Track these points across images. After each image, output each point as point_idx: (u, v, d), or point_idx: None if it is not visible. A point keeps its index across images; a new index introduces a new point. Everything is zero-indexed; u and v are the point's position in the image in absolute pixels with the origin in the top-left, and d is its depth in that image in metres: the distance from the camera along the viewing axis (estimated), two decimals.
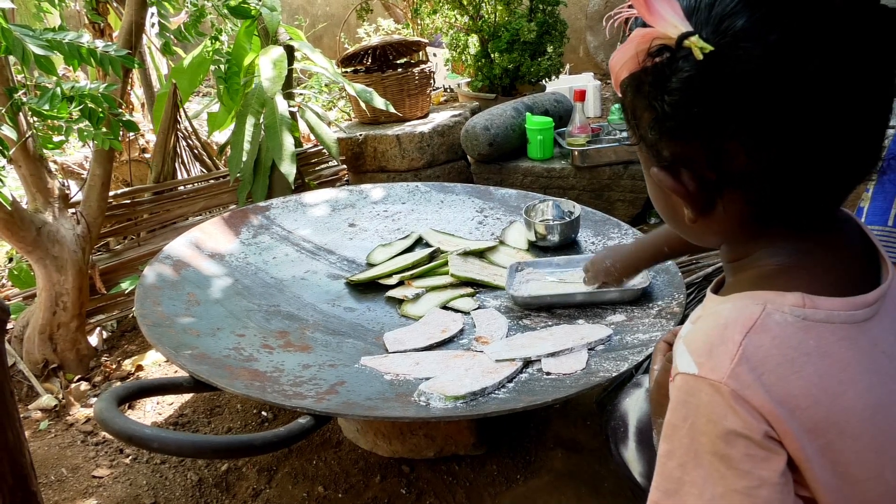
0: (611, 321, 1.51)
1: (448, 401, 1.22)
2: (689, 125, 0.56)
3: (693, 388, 0.58)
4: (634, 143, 0.64)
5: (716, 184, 0.59)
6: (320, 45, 5.82)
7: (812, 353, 0.56)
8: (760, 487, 0.55)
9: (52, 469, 1.65)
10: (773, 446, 0.56)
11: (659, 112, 0.57)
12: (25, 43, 1.60)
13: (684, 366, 0.59)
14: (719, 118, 0.55)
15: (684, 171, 0.60)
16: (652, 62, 0.56)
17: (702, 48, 0.51)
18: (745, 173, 0.57)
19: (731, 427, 0.55)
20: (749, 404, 0.55)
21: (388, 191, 2.24)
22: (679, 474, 0.59)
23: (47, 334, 2.00)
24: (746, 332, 0.56)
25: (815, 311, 0.57)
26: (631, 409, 1.09)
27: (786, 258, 0.61)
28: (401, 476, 1.54)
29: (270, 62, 2.36)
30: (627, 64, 0.57)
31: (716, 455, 0.56)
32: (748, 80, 0.52)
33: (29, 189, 1.92)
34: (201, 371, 1.27)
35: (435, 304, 1.68)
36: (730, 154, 0.56)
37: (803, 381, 0.56)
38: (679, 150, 0.59)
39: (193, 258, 1.79)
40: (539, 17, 3.39)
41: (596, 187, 2.71)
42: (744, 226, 0.62)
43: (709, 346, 0.58)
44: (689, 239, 0.72)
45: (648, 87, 0.57)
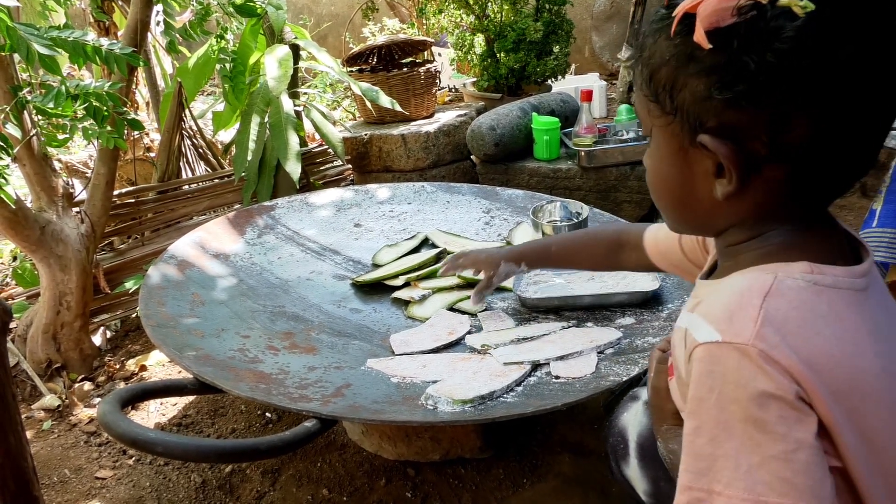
0: (620, 324, 1.49)
1: (456, 404, 1.21)
2: (769, 86, 0.54)
3: (717, 356, 0.56)
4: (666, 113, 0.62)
5: (761, 158, 0.58)
6: (325, 45, 5.81)
7: (826, 315, 0.57)
8: (798, 451, 0.53)
9: (54, 470, 1.64)
10: (804, 408, 0.54)
11: (751, 66, 0.54)
12: (30, 41, 1.59)
13: (704, 335, 0.58)
14: (806, 84, 0.54)
15: (729, 142, 0.58)
16: (743, 17, 0.54)
17: (804, 6, 0.50)
18: (801, 147, 0.56)
19: (763, 388, 0.54)
20: (778, 364, 0.54)
21: (393, 191, 2.22)
22: (710, 450, 0.56)
23: (51, 334, 1.99)
24: (764, 296, 0.57)
25: (823, 276, 0.58)
26: (630, 424, 1.04)
27: (789, 237, 0.62)
28: (406, 479, 1.53)
29: (276, 61, 2.35)
30: (707, 19, 0.55)
31: (748, 421, 0.54)
32: (843, 46, 0.52)
33: (33, 188, 1.91)
34: (206, 373, 1.25)
35: (441, 306, 1.67)
36: (793, 125, 0.55)
37: (824, 342, 0.55)
38: (734, 119, 0.57)
39: (198, 258, 1.77)
40: (545, 17, 3.37)
41: (602, 188, 2.69)
42: (768, 207, 0.62)
43: (728, 313, 0.57)
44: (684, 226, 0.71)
45: (741, 40, 0.54)
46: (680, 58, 0.59)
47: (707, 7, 0.55)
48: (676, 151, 0.63)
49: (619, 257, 1.21)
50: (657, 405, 0.81)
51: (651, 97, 0.63)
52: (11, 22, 1.58)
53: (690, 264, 1.03)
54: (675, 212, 0.70)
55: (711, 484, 0.55)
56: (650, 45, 0.63)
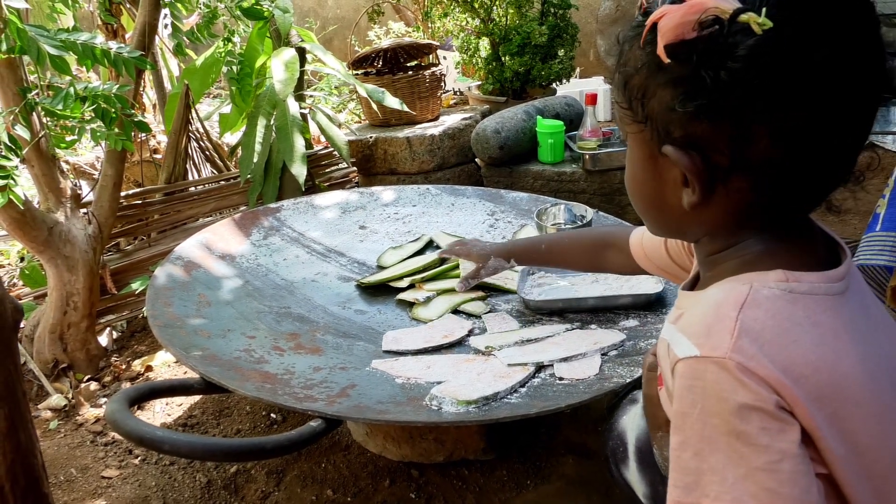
0: (624, 326, 1.50)
1: (460, 405, 1.21)
2: (731, 100, 0.55)
3: (697, 371, 0.57)
4: (637, 121, 0.62)
5: (726, 169, 0.59)
6: (330, 48, 5.83)
7: (803, 322, 0.57)
8: (782, 461, 0.54)
9: (61, 469, 1.65)
10: (785, 417, 0.55)
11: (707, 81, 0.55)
12: (40, 43, 1.60)
13: (684, 351, 0.58)
14: (761, 99, 0.54)
15: (694, 153, 0.59)
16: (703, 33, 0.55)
17: (762, 24, 0.51)
18: (763, 160, 0.57)
19: (743, 401, 0.54)
20: (756, 375, 0.54)
21: (398, 193, 2.23)
22: (696, 464, 0.56)
23: (57, 334, 2.00)
24: (740, 307, 0.57)
25: (798, 283, 0.59)
26: (629, 428, 1.05)
27: (764, 245, 0.63)
28: (410, 480, 1.53)
29: (282, 64, 2.36)
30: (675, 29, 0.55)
31: (731, 434, 0.55)
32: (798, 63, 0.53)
33: (41, 189, 1.92)
34: (212, 373, 1.26)
35: (446, 308, 1.68)
36: (754, 138, 0.56)
37: (802, 349, 0.56)
38: (698, 130, 0.58)
39: (204, 259, 1.79)
40: (550, 21, 3.38)
41: (607, 191, 2.69)
42: (737, 217, 0.62)
43: (706, 327, 0.58)
44: (662, 231, 0.72)
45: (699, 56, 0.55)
46: (651, 67, 0.59)
47: (668, 21, 0.56)
48: (648, 158, 0.64)
49: (605, 258, 1.21)
50: (651, 413, 0.81)
51: (625, 104, 0.64)
52: (22, 24, 1.60)
53: (676, 267, 1.04)
54: (650, 216, 0.70)
55: (700, 498, 0.56)
56: (625, 52, 0.63)
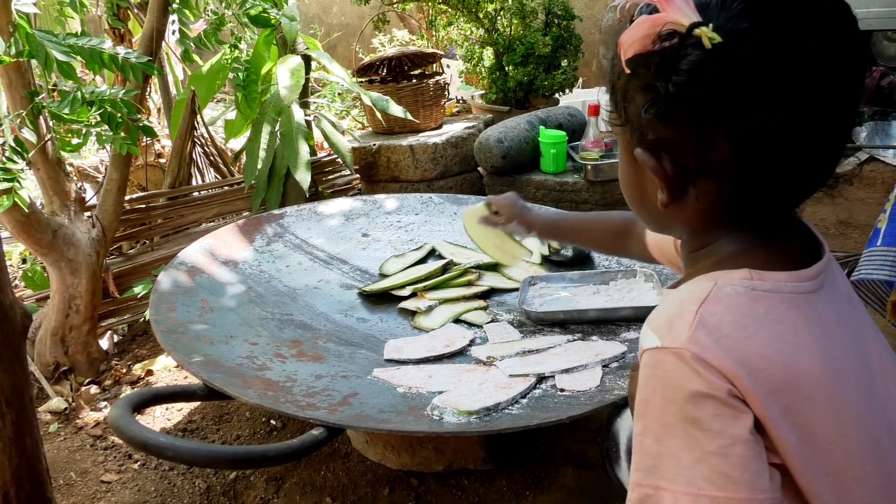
0: (625, 338, 1.50)
1: (461, 415, 1.22)
2: (683, 109, 0.59)
3: (657, 360, 0.60)
4: (619, 124, 0.67)
5: (693, 172, 0.62)
6: (335, 55, 5.85)
7: (763, 318, 0.60)
8: (734, 445, 0.56)
9: (60, 473, 1.65)
10: (738, 405, 0.57)
11: (661, 92, 0.59)
12: (48, 48, 1.62)
13: (648, 342, 0.62)
14: (713, 106, 0.58)
15: (665, 155, 0.63)
16: (660, 45, 0.59)
17: (711, 38, 0.55)
18: (723, 165, 0.60)
19: (696, 388, 0.57)
20: (710, 365, 0.57)
21: (401, 201, 2.24)
22: (656, 448, 0.59)
23: (59, 336, 2.01)
24: (701, 303, 0.60)
25: (762, 282, 0.61)
26: (622, 429, 1.08)
27: (737, 246, 0.65)
28: (409, 489, 1.53)
29: (288, 71, 2.38)
30: (636, 43, 0.60)
31: (686, 420, 0.58)
32: (745, 75, 0.56)
33: (46, 192, 1.93)
34: (215, 379, 1.26)
35: (448, 317, 1.68)
36: (714, 144, 0.59)
37: (758, 343, 0.58)
38: (665, 134, 0.62)
39: (208, 265, 1.79)
40: (554, 32, 3.40)
41: (608, 202, 2.70)
42: (708, 217, 0.65)
43: (668, 320, 0.61)
44: (651, 226, 0.76)
45: (654, 67, 0.59)
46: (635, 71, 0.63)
47: (631, 35, 0.60)
48: (631, 158, 0.67)
49: (627, 244, 1.22)
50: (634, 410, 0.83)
51: (611, 106, 0.68)
52: (31, 28, 1.61)
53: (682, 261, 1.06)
54: (638, 213, 0.74)
55: (658, 480, 0.59)
56: (611, 58, 0.67)
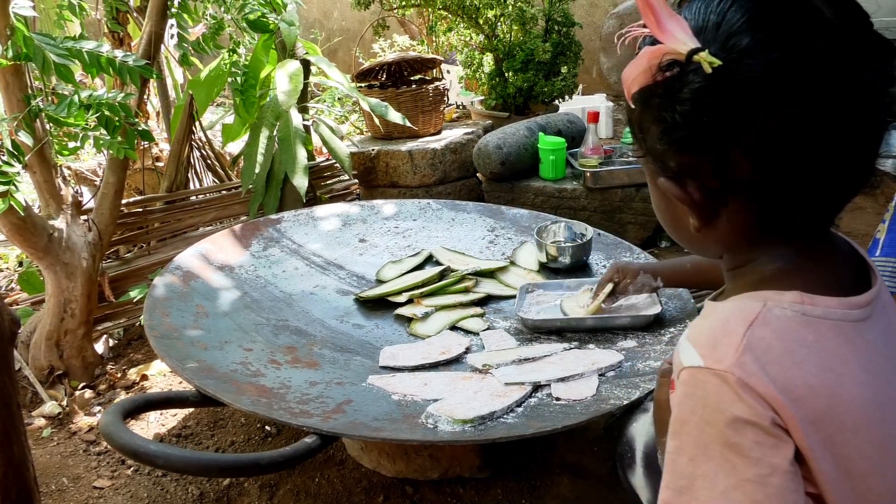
0: (622, 347, 1.49)
1: (456, 424, 1.21)
2: (696, 135, 0.59)
3: (699, 380, 0.59)
4: (641, 155, 0.67)
5: (719, 193, 0.62)
6: (335, 59, 5.86)
7: (811, 346, 0.58)
8: (772, 475, 0.55)
9: (52, 478, 1.64)
10: (780, 434, 0.56)
11: (668, 122, 0.59)
12: (46, 51, 1.61)
13: (689, 360, 0.60)
14: (725, 128, 0.57)
15: (689, 181, 0.62)
16: (662, 76, 0.59)
17: (710, 62, 0.55)
18: (748, 182, 0.59)
19: (739, 414, 0.56)
20: (755, 392, 0.56)
21: (399, 207, 2.23)
22: (690, 469, 0.58)
23: (54, 340, 2.00)
24: (749, 325, 0.58)
25: (813, 307, 0.59)
26: (638, 434, 1.08)
27: (783, 263, 0.64)
28: (404, 497, 1.52)
29: (287, 76, 2.38)
30: (639, 78, 0.60)
31: (725, 445, 0.57)
32: (751, 93, 0.55)
33: (42, 195, 1.92)
34: (208, 385, 1.25)
35: (444, 324, 1.67)
36: (733, 163, 0.59)
37: (804, 372, 0.57)
38: (685, 161, 0.61)
39: (203, 269, 1.78)
40: (554, 38, 3.40)
41: (607, 209, 2.70)
42: (745, 234, 0.64)
43: (713, 340, 0.60)
44: (691, 250, 0.75)
45: (659, 99, 0.59)
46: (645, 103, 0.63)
47: (632, 72, 0.60)
48: (658, 187, 0.67)
49: None
50: (659, 417, 0.83)
51: (632, 137, 0.68)
52: (28, 31, 1.61)
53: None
54: (675, 237, 0.73)
55: (690, 501, 0.58)
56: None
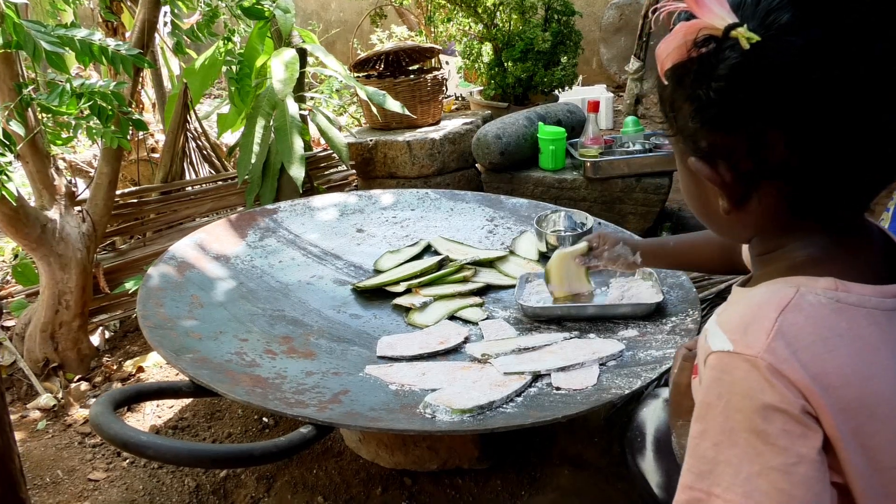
0: (623, 336, 1.47)
1: (455, 414, 1.19)
2: (731, 113, 0.57)
3: (728, 365, 0.58)
4: (671, 134, 0.65)
5: (752, 175, 0.60)
6: (333, 51, 5.82)
7: (844, 334, 0.57)
8: (798, 464, 0.54)
9: (47, 471, 1.62)
10: (810, 422, 0.55)
11: (703, 99, 0.57)
12: (36, 39, 1.58)
13: (718, 344, 0.59)
14: (761, 107, 0.55)
15: (721, 161, 0.61)
16: (698, 52, 0.57)
17: (748, 38, 0.53)
18: (783, 165, 0.58)
19: (769, 401, 0.55)
20: (786, 378, 0.55)
21: (397, 197, 2.21)
22: (713, 454, 0.58)
23: (49, 333, 1.98)
24: (781, 310, 0.57)
25: (847, 294, 0.58)
26: (648, 419, 1.08)
27: (816, 250, 0.62)
28: (402, 488, 1.51)
29: (282, 64, 2.34)
30: (673, 53, 0.58)
31: (752, 432, 0.55)
32: (790, 71, 0.54)
33: (35, 186, 1.90)
34: (202, 376, 1.23)
35: (443, 314, 1.65)
36: (769, 144, 0.57)
37: (836, 360, 0.56)
38: (718, 141, 0.60)
39: (198, 260, 1.76)
40: (554, 27, 3.37)
41: (607, 199, 2.67)
42: (777, 218, 0.63)
43: (744, 324, 0.58)
44: (719, 233, 0.73)
45: (694, 75, 0.58)
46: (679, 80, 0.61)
47: (666, 47, 0.58)
48: (687, 168, 0.66)
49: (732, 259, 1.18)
50: (676, 401, 0.82)
51: (662, 117, 0.67)
52: (18, 19, 1.58)
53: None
54: (703, 221, 0.72)
55: (711, 486, 0.57)
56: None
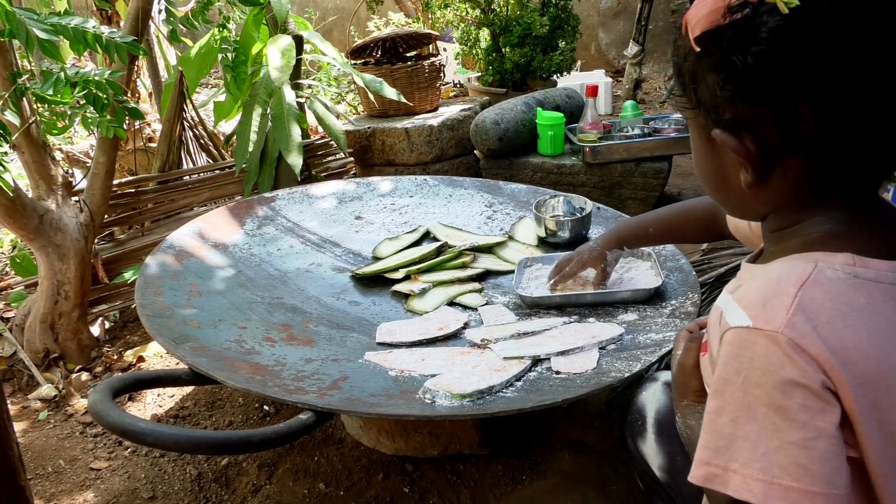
0: (623, 320, 1.47)
1: (454, 399, 1.19)
2: (767, 80, 0.56)
3: (747, 341, 0.58)
4: (690, 107, 0.65)
5: (778, 149, 0.60)
6: (330, 39, 5.78)
7: (863, 309, 0.57)
8: (817, 439, 0.54)
9: (49, 460, 1.62)
10: (829, 397, 0.55)
11: (738, 66, 0.57)
12: (29, 27, 1.57)
13: (736, 320, 0.59)
14: (799, 74, 0.55)
15: (746, 135, 0.60)
16: (732, 17, 0.56)
17: (787, 2, 0.52)
18: (812, 138, 0.57)
19: (789, 376, 0.55)
20: (807, 353, 0.55)
21: (395, 184, 2.20)
22: (731, 430, 0.58)
23: (48, 323, 1.97)
24: (801, 285, 0.57)
25: (865, 269, 0.58)
26: (649, 402, 1.09)
27: (835, 226, 0.62)
28: (404, 474, 1.51)
29: (279, 51, 2.33)
30: (704, 20, 0.58)
31: (771, 407, 0.56)
32: (828, 38, 0.53)
33: (32, 176, 1.89)
34: (200, 363, 1.23)
35: (442, 299, 1.65)
36: (799, 115, 0.57)
37: (855, 335, 0.56)
38: (745, 112, 0.59)
39: (197, 248, 1.76)
40: (551, 12, 3.34)
41: (607, 184, 2.66)
42: (797, 194, 0.63)
43: (763, 299, 0.58)
44: (731, 211, 0.73)
45: (730, 41, 0.57)
46: (696, 54, 0.61)
47: (698, 12, 0.58)
48: (706, 142, 0.65)
49: (713, 229, 1.19)
50: (681, 381, 0.83)
51: (679, 90, 0.66)
52: (10, 6, 1.57)
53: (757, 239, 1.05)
54: (718, 198, 0.71)
55: (728, 462, 0.57)
56: (675, 39, 0.65)
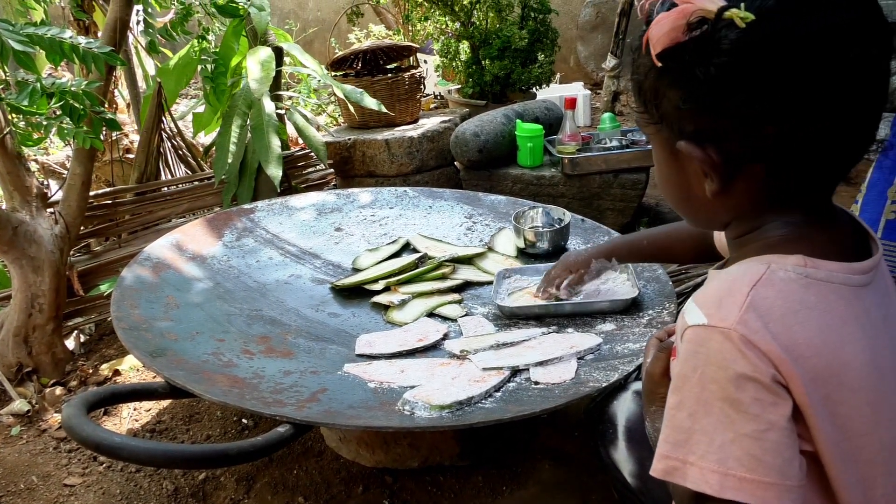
0: (601, 330, 1.48)
1: (433, 410, 1.19)
2: (725, 94, 0.59)
3: (703, 338, 0.60)
4: (652, 122, 0.67)
5: (739, 158, 0.62)
6: (311, 51, 5.78)
7: (813, 307, 0.60)
8: (769, 430, 0.57)
9: (21, 477, 1.59)
10: (780, 391, 0.58)
11: (700, 79, 0.59)
12: (4, 38, 1.55)
13: (694, 318, 0.62)
14: (755, 88, 0.57)
15: (709, 145, 0.62)
16: (692, 34, 0.59)
17: (743, 17, 0.55)
18: (770, 146, 0.60)
19: (741, 371, 0.57)
20: (757, 349, 0.57)
21: (375, 195, 2.20)
22: (689, 424, 0.60)
23: (22, 337, 1.94)
24: (753, 285, 0.60)
25: (816, 270, 0.61)
26: (619, 411, 1.11)
27: (789, 230, 0.65)
28: (384, 487, 1.50)
29: (258, 63, 2.33)
30: (665, 37, 0.60)
31: (725, 400, 0.58)
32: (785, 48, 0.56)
33: (6, 187, 1.86)
34: (177, 376, 1.22)
35: (421, 311, 1.65)
36: (758, 125, 0.59)
37: (806, 331, 0.59)
38: (707, 124, 0.62)
39: (174, 260, 1.74)
40: (530, 25, 3.38)
41: (585, 195, 2.69)
42: (756, 201, 0.65)
43: (717, 299, 0.61)
44: (696, 222, 0.75)
45: (690, 56, 0.59)
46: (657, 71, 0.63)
47: (659, 29, 0.60)
48: (669, 156, 0.68)
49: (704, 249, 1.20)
50: (650, 389, 0.85)
51: (641, 108, 0.68)
52: None
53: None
54: (682, 210, 0.73)
55: (687, 455, 0.60)
56: (635, 59, 0.68)
